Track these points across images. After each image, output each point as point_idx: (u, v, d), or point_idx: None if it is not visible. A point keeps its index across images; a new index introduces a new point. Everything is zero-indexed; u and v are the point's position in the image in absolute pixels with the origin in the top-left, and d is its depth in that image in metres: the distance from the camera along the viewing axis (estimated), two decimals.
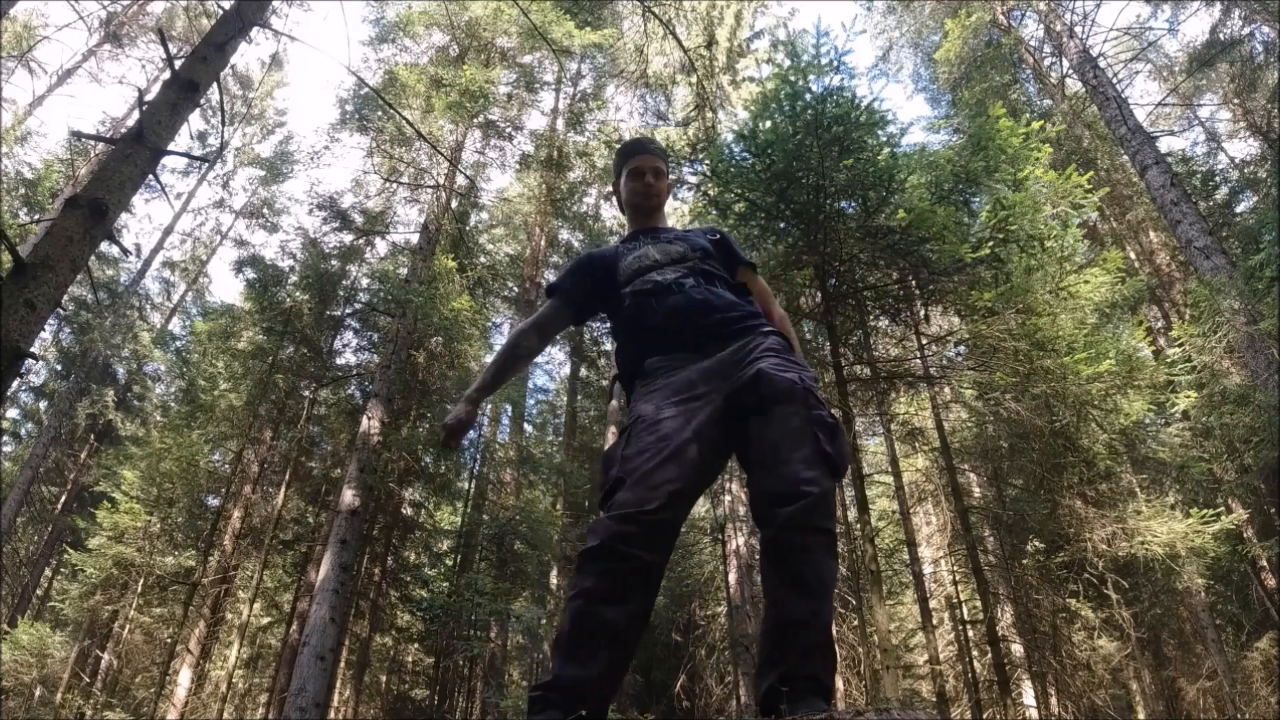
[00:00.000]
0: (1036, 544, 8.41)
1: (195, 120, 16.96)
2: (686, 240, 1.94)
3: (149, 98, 3.62)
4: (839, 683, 10.14)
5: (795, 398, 1.53)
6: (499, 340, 17.31)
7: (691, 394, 1.62)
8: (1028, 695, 8.77)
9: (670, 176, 2.17)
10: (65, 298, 6.22)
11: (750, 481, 1.56)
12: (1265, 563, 9.20)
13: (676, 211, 9.89)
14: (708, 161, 5.98)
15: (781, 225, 5.84)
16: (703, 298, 1.77)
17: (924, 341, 6.69)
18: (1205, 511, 6.97)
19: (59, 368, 17.00)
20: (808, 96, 5.21)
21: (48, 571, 16.45)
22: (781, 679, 1.33)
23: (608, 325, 2.03)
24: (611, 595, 1.42)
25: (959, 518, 7.76)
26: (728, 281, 1.91)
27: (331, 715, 11.06)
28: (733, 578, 10.04)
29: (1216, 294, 7.91)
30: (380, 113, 11.55)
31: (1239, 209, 11.90)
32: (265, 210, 17.38)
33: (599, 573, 1.42)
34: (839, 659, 10.27)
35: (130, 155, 3.38)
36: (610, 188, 2.27)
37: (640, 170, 2.05)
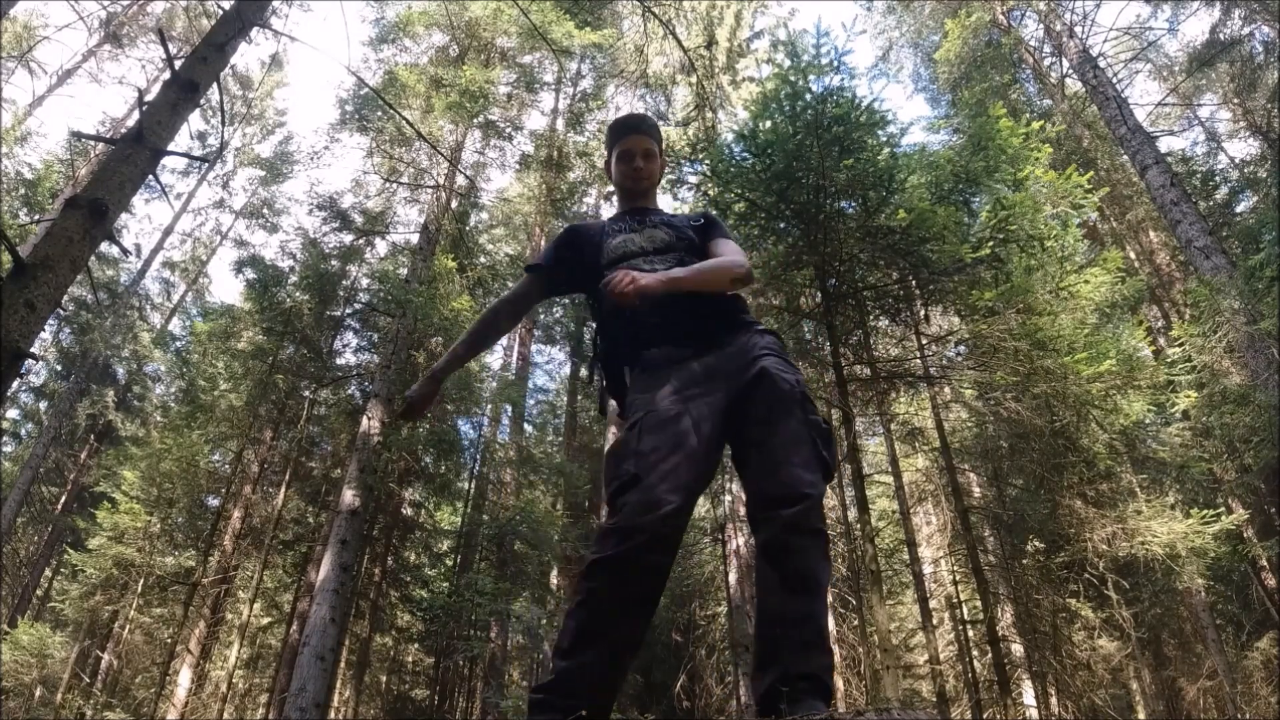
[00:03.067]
0: (1036, 544, 8.41)
1: (195, 120, 16.96)
2: (673, 227, 1.90)
3: (149, 98, 3.62)
4: (839, 682, 10.14)
5: (794, 401, 1.55)
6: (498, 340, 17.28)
7: (698, 390, 1.61)
8: (1028, 695, 8.77)
9: (663, 156, 2.12)
10: (65, 298, 6.22)
11: (746, 482, 1.56)
12: (1265, 563, 9.20)
13: (676, 212, 9.87)
14: (708, 161, 5.98)
15: (781, 225, 5.84)
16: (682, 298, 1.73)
17: (924, 341, 6.69)
18: (1205, 511, 6.97)
19: (59, 368, 17.00)
20: (808, 96, 5.21)
21: (48, 571, 16.44)
22: (781, 679, 1.33)
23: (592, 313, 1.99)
24: (620, 601, 1.42)
25: (959, 518, 7.76)
26: None
27: (331, 715, 11.05)
28: (733, 578, 10.04)
29: (1216, 294, 7.91)
30: (380, 113, 11.55)
31: (1239, 209, 11.90)
32: (265, 210, 17.39)
33: (610, 580, 1.42)
34: (839, 659, 10.28)
35: (130, 155, 3.38)
36: (604, 168, 2.22)
37: (630, 153, 1.99)
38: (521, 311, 2.05)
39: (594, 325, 1.94)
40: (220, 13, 4.10)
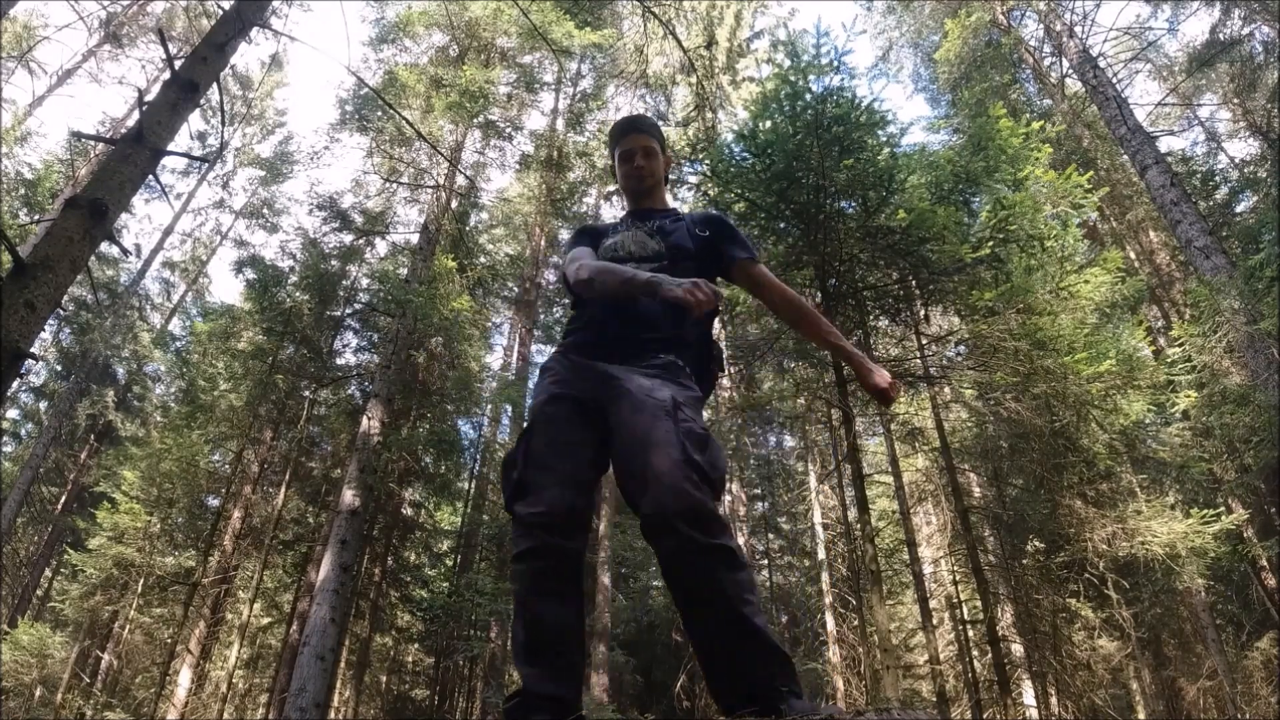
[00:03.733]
0: (1036, 544, 8.41)
1: (195, 120, 16.98)
2: (666, 236, 1.87)
3: (149, 98, 3.62)
4: (839, 682, 10.14)
5: (662, 410, 1.52)
6: (499, 340, 17.28)
7: (581, 391, 1.67)
8: (1028, 695, 8.77)
9: (667, 153, 2.10)
10: (65, 298, 6.22)
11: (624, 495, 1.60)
12: (1265, 563, 9.20)
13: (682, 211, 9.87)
14: (708, 161, 5.98)
15: (781, 225, 5.84)
16: (639, 309, 1.73)
17: (924, 341, 6.69)
18: (1205, 511, 6.97)
19: (59, 368, 17.00)
20: (808, 96, 5.21)
21: (48, 572, 16.45)
22: (748, 694, 1.33)
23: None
24: (547, 590, 1.48)
25: (959, 518, 7.76)
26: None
27: (331, 715, 11.05)
28: None
29: (1216, 294, 7.91)
30: (380, 113, 11.55)
31: (1239, 209, 11.89)
32: (265, 210, 17.39)
33: (532, 572, 1.50)
34: (839, 659, 10.27)
35: (130, 155, 3.38)
36: (609, 171, 2.21)
37: (630, 153, 1.98)
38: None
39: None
40: (220, 13, 4.10)
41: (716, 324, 5.68)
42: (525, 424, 1.71)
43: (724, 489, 1.61)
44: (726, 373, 2.49)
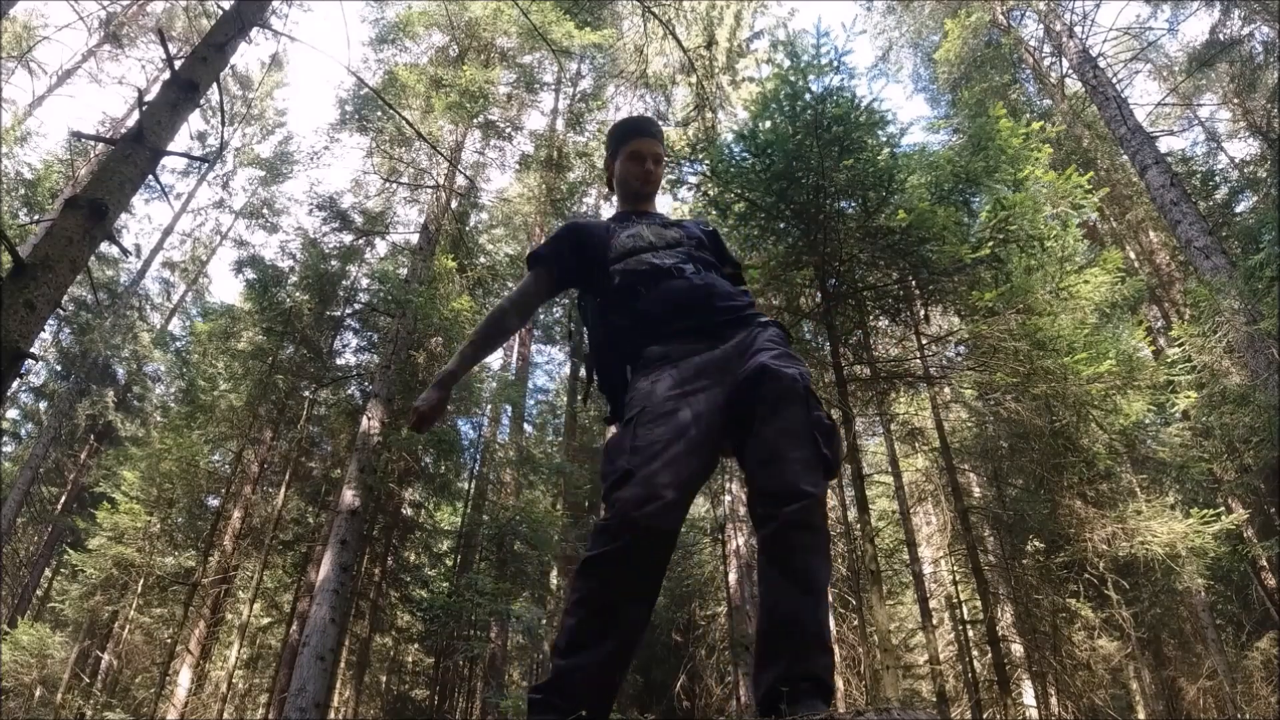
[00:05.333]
0: (1036, 544, 8.41)
1: (195, 120, 16.98)
2: (681, 226, 1.91)
3: (149, 98, 3.62)
4: (839, 682, 10.14)
5: (796, 396, 1.51)
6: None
7: (696, 385, 1.59)
8: (1028, 695, 8.77)
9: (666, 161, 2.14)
10: (65, 298, 6.22)
11: (748, 479, 1.55)
12: (1265, 563, 9.20)
13: (676, 212, 9.89)
14: (708, 161, 5.98)
15: (781, 225, 5.84)
16: (705, 284, 1.74)
17: (924, 341, 6.69)
18: (1205, 511, 6.97)
19: (59, 368, 17.00)
20: (808, 97, 5.21)
21: (48, 572, 16.45)
22: (781, 679, 1.33)
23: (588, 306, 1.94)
24: (616, 598, 1.41)
25: (959, 518, 7.76)
26: (721, 270, 1.88)
27: (331, 715, 11.05)
28: (733, 578, 10.04)
29: (1216, 294, 7.91)
30: (380, 113, 11.55)
31: (1239, 209, 11.89)
32: (265, 210, 17.38)
33: (605, 577, 1.41)
34: (839, 659, 10.27)
35: (130, 155, 3.38)
36: (605, 165, 2.13)
37: (641, 155, 1.98)
38: (531, 310, 1.99)
39: (586, 324, 1.93)
40: (220, 13, 4.10)
41: None
42: (634, 413, 1.58)
43: (835, 477, 1.62)
44: None
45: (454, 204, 12.26)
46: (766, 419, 1.51)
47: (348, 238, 11.96)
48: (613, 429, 1.78)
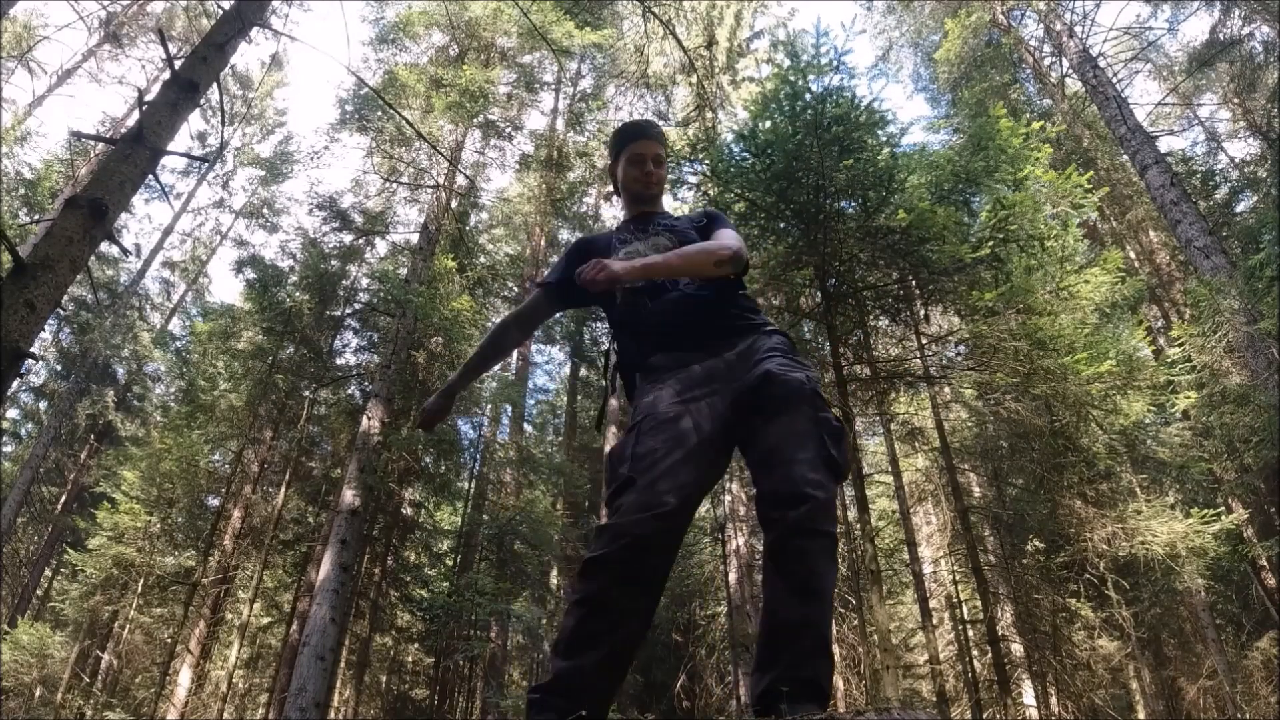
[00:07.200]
0: (1036, 544, 8.41)
1: (195, 120, 16.98)
2: (676, 232, 1.90)
3: (149, 98, 3.62)
4: (839, 682, 10.14)
5: (803, 399, 1.52)
6: None
7: (699, 392, 1.61)
8: (1028, 695, 8.77)
9: (669, 162, 2.12)
10: (65, 298, 6.22)
11: (755, 482, 1.55)
12: (1265, 562, 9.20)
13: (676, 212, 9.87)
14: (708, 161, 5.98)
15: (781, 225, 5.84)
16: (702, 295, 1.75)
17: (924, 341, 6.69)
18: (1205, 511, 6.96)
19: (59, 368, 17.00)
20: (807, 96, 5.20)
21: (48, 571, 16.45)
22: (778, 680, 1.33)
23: (607, 324, 2.01)
24: (616, 600, 1.41)
25: (959, 518, 7.76)
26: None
27: (331, 715, 11.05)
28: (733, 578, 10.04)
29: (1216, 294, 7.91)
30: (380, 113, 11.55)
31: (1239, 209, 11.89)
32: (265, 210, 17.39)
33: (606, 579, 1.42)
34: (839, 659, 10.27)
35: (130, 155, 3.38)
36: (608, 171, 2.16)
37: (641, 157, 1.99)
38: (532, 327, 2.07)
39: (609, 334, 1.95)
40: (220, 13, 4.10)
41: None
42: (639, 420, 1.61)
43: (846, 478, 1.59)
44: None
45: (454, 204, 12.26)
46: (771, 422, 1.51)
47: (348, 238, 11.96)
48: (613, 430, 1.80)
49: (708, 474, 1.55)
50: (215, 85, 4.00)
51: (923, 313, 6.40)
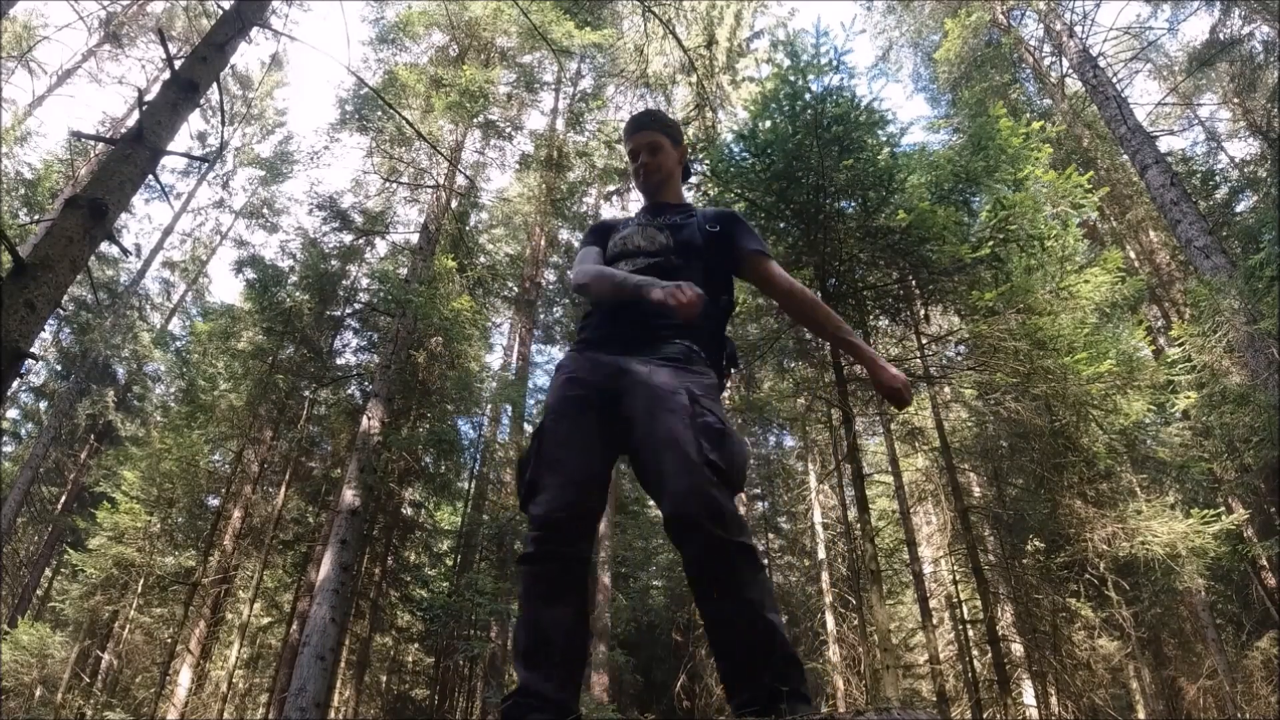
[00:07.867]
0: (1036, 544, 8.41)
1: (195, 120, 16.99)
2: (675, 230, 1.86)
3: (149, 98, 3.62)
4: (839, 682, 10.14)
5: (675, 406, 1.50)
6: (499, 340, 17.28)
7: (593, 386, 1.65)
8: (1028, 695, 8.77)
9: (681, 143, 2.05)
10: (65, 298, 6.22)
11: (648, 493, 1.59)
12: (1265, 562, 9.20)
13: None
14: (708, 161, 5.98)
15: (781, 225, 5.84)
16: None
17: (924, 341, 6.69)
18: (1205, 511, 6.97)
19: (59, 368, 17.00)
20: (807, 96, 5.21)
21: (48, 571, 16.45)
22: (757, 691, 1.34)
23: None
24: (548, 595, 1.49)
25: (959, 518, 7.76)
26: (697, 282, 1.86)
27: (331, 715, 11.06)
28: None
29: (1216, 294, 7.91)
30: (380, 113, 11.55)
31: (1239, 208, 11.89)
32: (265, 210, 17.36)
33: (532, 576, 1.50)
34: (839, 659, 10.27)
35: (130, 155, 3.38)
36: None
37: (635, 151, 1.99)
38: None
39: None
40: (220, 13, 4.10)
41: None
42: (538, 422, 1.69)
43: (744, 482, 1.54)
44: (740, 370, 2.50)
45: (454, 204, 12.26)
46: (644, 434, 1.52)
47: (348, 237, 11.96)
48: None
49: (604, 463, 1.62)
50: (215, 85, 4.00)
51: (923, 313, 6.40)
